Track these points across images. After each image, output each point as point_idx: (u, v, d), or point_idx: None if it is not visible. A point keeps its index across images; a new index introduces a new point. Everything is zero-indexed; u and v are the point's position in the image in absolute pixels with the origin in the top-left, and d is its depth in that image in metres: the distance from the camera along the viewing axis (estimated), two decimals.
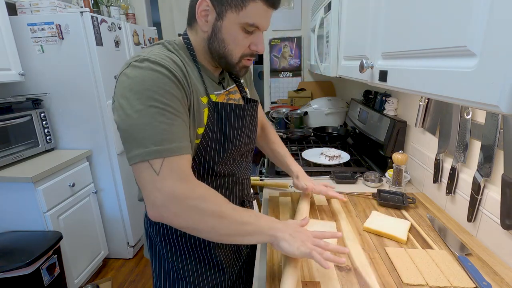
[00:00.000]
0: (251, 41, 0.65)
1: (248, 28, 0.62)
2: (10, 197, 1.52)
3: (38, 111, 1.73)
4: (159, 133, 0.54)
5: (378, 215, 0.91)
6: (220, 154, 0.70)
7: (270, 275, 0.68)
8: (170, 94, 0.56)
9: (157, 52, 0.59)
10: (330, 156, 1.42)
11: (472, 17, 0.38)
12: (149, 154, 0.53)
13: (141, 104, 0.54)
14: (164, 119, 0.55)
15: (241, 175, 0.79)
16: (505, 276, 0.65)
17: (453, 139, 0.90)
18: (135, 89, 0.54)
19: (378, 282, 0.64)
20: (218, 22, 0.61)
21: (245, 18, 0.60)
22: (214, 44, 0.64)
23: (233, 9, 0.60)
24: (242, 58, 0.67)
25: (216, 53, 0.65)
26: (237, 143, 0.73)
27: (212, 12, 0.61)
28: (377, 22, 0.73)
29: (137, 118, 0.54)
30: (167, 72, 0.56)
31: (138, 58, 0.57)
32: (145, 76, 0.55)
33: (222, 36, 0.63)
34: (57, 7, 1.72)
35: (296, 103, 2.48)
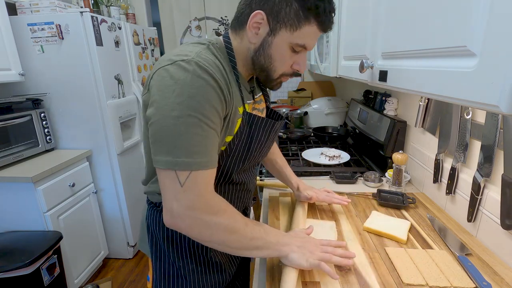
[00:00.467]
0: (295, 60, 0.65)
1: (296, 48, 0.62)
2: (10, 197, 1.52)
3: (38, 111, 1.73)
4: (192, 145, 0.53)
5: (378, 215, 0.91)
6: (240, 163, 0.70)
7: (270, 275, 0.68)
8: (211, 105, 0.55)
9: (204, 56, 0.57)
10: (330, 156, 1.42)
11: (472, 17, 0.38)
12: (178, 165, 0.53)
13: (181, 111, 0.52)
14: (199, 131, 0.54)
15: (250, 184, 0.81)
16: (505, 276, 0.65)
17: (453, 139, 0.90)
18: (177, 92, 0.53)
19: (378, 282, 0.64)
20: (269, 37, 0.61)
21: (297, 39, 0.60)
22: (260, 58, 0.64)
23: (287, 28, 0.59)
24: (282, 76, 0.67)
25: (259, 67, 0.65)
26: (257, 154, 0.74)
27: (265, 26, 0.60)
28: (377, 22, 0.73)
29: (173, 124, 0.53)
30: (212, 82, 0.55)
31: (186, 58, 0.55)
32: (191, 82, 0.53)
33: (270, 51, 0.62)
34: (57, 7, 1.72)
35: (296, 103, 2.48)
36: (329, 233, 0.83)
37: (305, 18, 0.58)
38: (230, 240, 0.59)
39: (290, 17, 0.58)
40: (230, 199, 0.75)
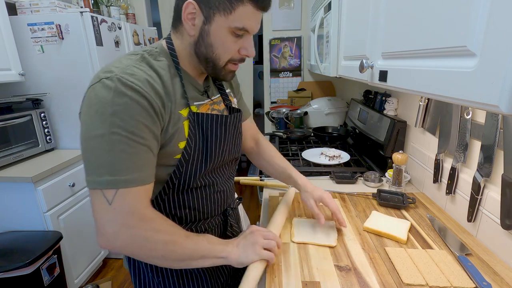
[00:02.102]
0: (241, 45, 0.62)
1: (237, 32, 0.59)
2: (10, 197, 1.52)
3: (38, 111, 1.73)
4: (117, 162, 0.52)
5: (378, 215, 0.91)
6: (202, 166, 0.67)
7: (271, 275, 0.68)
8: (138, 121, 0.53)
9: (130, 70, 0.55)
10: (330, 156, 1.42)
11: (472, 17, 0.38)
12: (102, 184, 0.52)
13: (104, 129, 0.51)
14: (125, 148, 0.52)
15: (222, 185, 0.76)
16: (505, 276, 0.65)
17: (453, 139, 0.90)
18: (100, 111, 0.51)
19: (378, 282, 0.65)
20: (205, 26, 0.59)
21: (234, 22, 0.58)
22: (201, 48, 0.61)
23: (221, 13, 0.57)
24: (229, 62, 0.64)
25: (203, 58, 0.63)
26: (220, 154, 0.71)
27: (199, 15, 0.58)
28: (377, 22, 0.73)
29: (97, 143, 0.51)
30: (137, 97, 0.53)
31: (110, 75, 0.53)
32: (113, 100, 0.51)
33: (210, 40, 0.60)
34: (57, 7, 1.72)
35: (296, 103, 2.48)
36: (329, 233, 0.83)
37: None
38: (171, 253, 0.57)
39: (221, 1, 0.56)
40: (202, 204, 0.72)
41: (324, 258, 0.73)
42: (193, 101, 0.66)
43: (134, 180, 0.53)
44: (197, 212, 0.72)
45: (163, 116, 0.58)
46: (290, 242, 0.80)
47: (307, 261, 0.72)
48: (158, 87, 0.57)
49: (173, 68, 0.63)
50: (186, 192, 0.68)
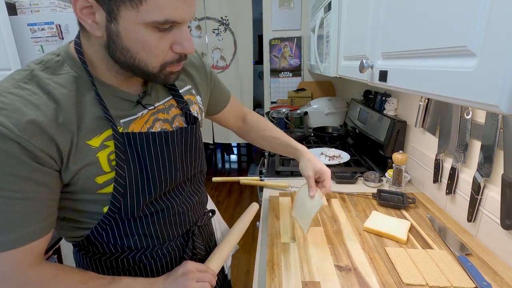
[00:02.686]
0: (171, 41, 0.47)
1: (161, 27, 0.44)
2: None
3: None
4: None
5: (378, 215, 0.91)
6: (145, 197, 0.55)
7: (271, 275, 0.68)
8: (9, 175, 0.41)
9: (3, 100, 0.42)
10: (330, 156, 1.42)
11: (472, 17, 0.38)
12: None
13: None
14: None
15: (181, 206, 0.63)
16: (505, 276, 0.65)
17: (453, 139, 0.90)
18: None
19: (378, 282, 0.65)
20: (111, 25, 0.43)
21: (150, 15, 0.42)
22: (117, 54, 0.46)
23: (128, 6, 0.41)
24: (165, 66, 0.49)
25: (124, 64, 0.47)
26: (168, 178, 0.58)
27: (98, 10, 0.42)
28: (377, 22, 0.73)
29: None
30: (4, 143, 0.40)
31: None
32: None
33: (122, 43, 0.44)
34: (57, 7, 1.73)
35: (296, 103, 2.48)
36: (321, 198, 0.80)
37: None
38: None
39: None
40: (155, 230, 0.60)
41: (324, 258, 0.73)
42: (118, 119, 0.51)
43: (6, 245, 0.42)
44: (150, 239, 0.60)
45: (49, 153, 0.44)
46: (290, 242, 0.80)
47: (307, 261, 0.72)
48: (44, 121, 0.43)
49: (84, 80, 0.48)
50: (131, 221, 0.56)
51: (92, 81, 0.49)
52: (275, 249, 0.77)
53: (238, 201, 3.05)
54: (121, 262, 0.60)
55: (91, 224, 0.55)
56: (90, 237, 0.56)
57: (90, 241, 0.57)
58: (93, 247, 0.58)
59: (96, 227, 0.55)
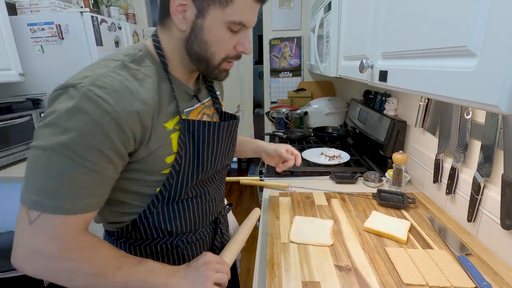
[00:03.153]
0: (237, 41, 0.56)
1: (234, 27, 0.54)
2: (10, 197, 1.52)
3: (38, 111, 1.73)
4: (49, 184, 0.45)
5: (378, 215, 0.91)
6: (193, 177, 0.62)
7: (271, 275, 0.68)
8: (90, 145, 0.45)
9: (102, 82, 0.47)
10: (330, 156, 1.42)
11: (472, 17, 0.38)
12: (27, 202, 0.46)
13: (48, 142, 0.44)
14: (65, 171, 0.45)
15: (213, 194, 0.72)
16: (505, 276, 0.65)
17: (453, 139, 0.90)
18: (53, 122, 0.45)
19: (378, 282, 0.65)
20: (198, 20, 0.52)
21: (231, 16, 0.52)
22: (194, 46, 0.55)
23: (216, 5, 0.51)
24: (224, 60, 0.58)
25: (196, 56, 0.56)
26: (212, 163, 0.66)
27: (191, 8, 0.51)
28: (377, 22, 0.73)
29: (37, 156, 0.45)
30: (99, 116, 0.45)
31: (78, 84, 0.46)
32: (70, 114, 0.44)
33: (203, 37, 0.54)
34: (57, 7, 1.73)
35: (296, 103, 2.48)
36: (326, 232, 0.83)
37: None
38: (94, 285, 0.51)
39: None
40: (193, 216, 0.67)
41: (324, 258, 0.73)
42: (182, 109, 0.60)
43: (65, 209, 0.46)
44: (188, 223, 0.67)
45: (136, 136, 0.50)
46: (290, 242, 0.80)
47: (307, 261, 0.72)
48: (136, 103, 0.49)
49: (162, 72, 0.57)
50: (176, 204, 0.63)
51: (168, 75, 0.57)
52: (275, 249, 0.77)
53: (238, 201, 3.05)
54: (160, 248, 0.65)
55: (140, 208, 0.60)
56: (136, 221, 0.61)
57: (134, 226, 0.62)
58: (136, 233, 0.63)
59: (145, 210, 0.60)
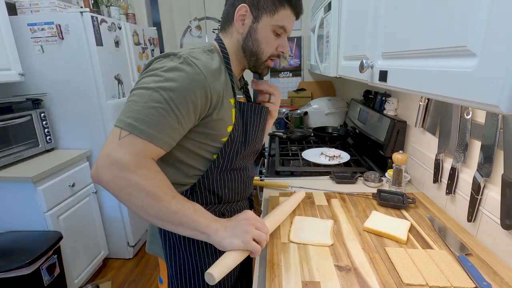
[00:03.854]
0: (278, 43, 0.75)
1: (278, 31, 0.73)
2: (10, 197, 1.52)
3: (38, 111, 1.73)
4: (144, 113, 0.58)
5: (378, 215, 0.91)
6: (242, 149, 0.77)
7: (271, 275, 0.68)
8: (182, 95, 0.60)
9: (195, 54, 0.65)
10: (330, 156, 1.42)
11: (472, 17, 0.38)
12: (123, 123, 0.58)
13: (151, 84, 0.59)
14: (158, 107, 0.58)
15: (251, 171, 0.87)
16: (505, 276, 0.65)
17: (453, 139, 0.90)
18: (158, 73, 0.61)
19: (378, 282, 0.64)
20: (254, 24, 0.72)
21: (277, 21, 0.72)
22: (249, 43, 0.74)
23: (267, 14, 0.71)
24: (269, 57, 0.76)
25: (249, 51, 0.75)
26: (254, 139, 0.80)
27: (249, 16, 0.72)
28: (377, 22, 0.73)
29: (140, 93, 0.59)
30: (193, 75, 0.61)
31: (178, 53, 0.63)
32: (172, 69, 0.61)
33: (257, 36, 0.73)
34: (57, 7, 1.72)
35: (296, 103, 2.48)
36: (326, 232, 0.83)
37: (280, 4, 0.71)
38: (150, 206, 0.59)
39: (268, 4, 0.70)
40: (236, 186, 0.80)
41: (324, 258, 0.73)
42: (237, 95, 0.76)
43: (150, 136, 0.58)
44: (233, 193, 0.80)
45: (212, 100, 0.65)
46: (290, 242, 0.80)
47: (307, 261, 0.72)
48: (216, 75, 0.66)
49: (224, 63, 0.73)
50: (227, 173, 0.77)
51: (229, 67, 0.74)
52: (275, 249, 0.77)
53: None
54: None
55: (200, 171, 0.74)
56: (196, 185, 0.74)
57: (193, 191, 0.74)
58: (193, 197, 0.75)
59: (203, 175, 0.74)
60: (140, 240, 2.26)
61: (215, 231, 0.63)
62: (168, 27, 2.70)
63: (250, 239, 0.63)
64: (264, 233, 0.66)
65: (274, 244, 0.80)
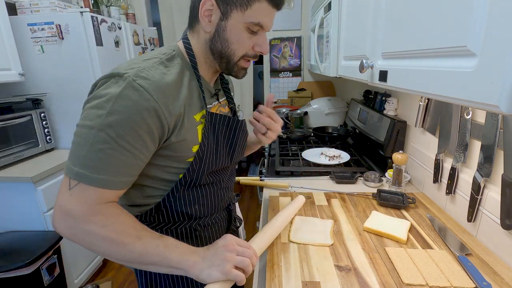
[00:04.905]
0: (255, 41, 0.64)
1: (252, 28, 0.61)
2: (10, 197, 1.52)
3: (38, 111, 1.73)
4: (91, 159, 0.52)
5: (378, 215, 0.91)
6: (212, 165, 0.69)
7: (271, 275, 0.68)
8: (131, 128, 0.52)
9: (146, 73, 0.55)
10: (330, 156, 1.42)
11: (472, 17, 0.38)
12: (71, 172, 0.52)
13: (95, 123, 0.51)
14: (106, 149, 0.51)
15: (226, 182, 0.79)
16: (505, 276, 0.65)
17: (453, 139, 0.90)
18: (100, 105, 0.52)
19: (378, 282, 0.65)
20: (222, 22, 0.60)
21: (250, 18, 0.59)
22: (217, 44, 0.63)
23: (238, 8, 0.59)
24: (242, 58, 0.65)
25: (218, 54, 0.64)
26: (228, 155, 0.73)
27: (216, 12, 0.60)
28: (377, 22, 0.73)
29: (83, 133, 0.52)
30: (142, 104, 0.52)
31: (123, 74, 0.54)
32: (116, 99, 0.52)
33: (226, 35, 0.61)
34: (57, 7, 1.73)
35: (296, 103, 2.48)
36: (326, 232, 0.83)
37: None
38: (113, 252, 0.55)
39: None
40: (207, 201, 0.73)
41: (324, 258, 0.73)
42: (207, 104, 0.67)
43: (101, 181, 0.52)
44: (204, 208, 0.73)
45: (169, 125, 0.57)
46: (290, 242, 0.80)
47: (307, 261, 0.72)
48: (173, 94, 0.57)
49: (191, 69, 0.64)
50: (195, 189, 0.70)
51: (197, 72, 0.65)
52: (275, 249, 0.77)
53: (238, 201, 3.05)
54: (180, 231, 0.70)
55: (164, 191, 0.66)
56: (160, 204, 0.67)
57: (158, 210, 0.68)
58: (158, 217, 0.69)
59: (168, 194, 0.66)
60: None
61: (192, 265, 0.57)
62: (168, 27, 2.70)
63: (230, 268, 0.56)
64: (247, 258, 0.58)
65: (274, 244, 0.80)
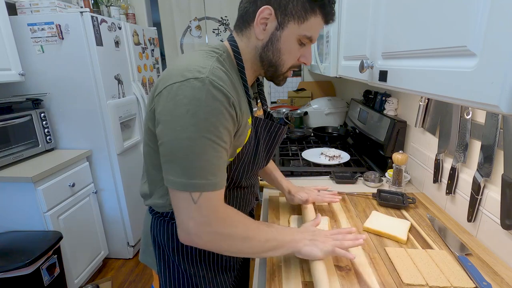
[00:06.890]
0: (302, 53, 0.66)
1: (303, 40, 0.63)
2: (10, 197, 1.52)
3: (38, 111, 1.73)
4: (206, 166, 0.54)
5: (378, 215, 0.91)
6: (249, 169, 0.72)
7: (271, 275, 0.68)
8: (224, 127, 0.55)
9: (218, 73, 0.55)
10: (330, 156, 1.42)
11: (472, 17, 0.38)
12: (192, 186, 0.53)
13: (195, 132, 0.52)
14: (214, 153, 0.54)
15: (256, 187, 0.83)
16: (505, 276, 0.65)
17: (453, 139, 0.90)
18: (192, 112, 0.51)
19: (378, 282, 0.64)
20: (277, 31, 0.61)
21: (304, 31, 0.61)
22: (269, 53, 0.63)
23: (295, 21, 0.60)
24: (290, 69, 0.68)
25: (268, 62, 0.65)
26: (264, 158, 0.75)
27: (272, 21, 0.60)
28: (377, 22, 0.73)
29: (188, 146, 0.52)
30: (226, 103, 0.54)
31: (200, 76, 0.53)
32: (206, 103, 0.52)
33: (279, 45, 0.62)
34: (57, 7, 1.72)
35: (296, 103, 2.48)
36: None
37: (311, 10, 0.60)
38: (246, 247, 0.61)
39: (297, 9, 0.59)
40: (238, 203, 0.76)
41: None
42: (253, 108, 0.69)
43: (218, 184, 0.56)
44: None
45: (239, 121, 0.60)
46: None
47: (307, 261, 0.72)
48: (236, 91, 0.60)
49: (237, 72, 0.65)
50: (230, 191, 0.73)
51: (244, 77, 0.65)
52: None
53: None
54: None
55: None
56: None
57: None
58: None
59: None
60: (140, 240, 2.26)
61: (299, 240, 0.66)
62: (168, 27, 2.70)
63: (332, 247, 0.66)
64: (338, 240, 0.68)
65: None
